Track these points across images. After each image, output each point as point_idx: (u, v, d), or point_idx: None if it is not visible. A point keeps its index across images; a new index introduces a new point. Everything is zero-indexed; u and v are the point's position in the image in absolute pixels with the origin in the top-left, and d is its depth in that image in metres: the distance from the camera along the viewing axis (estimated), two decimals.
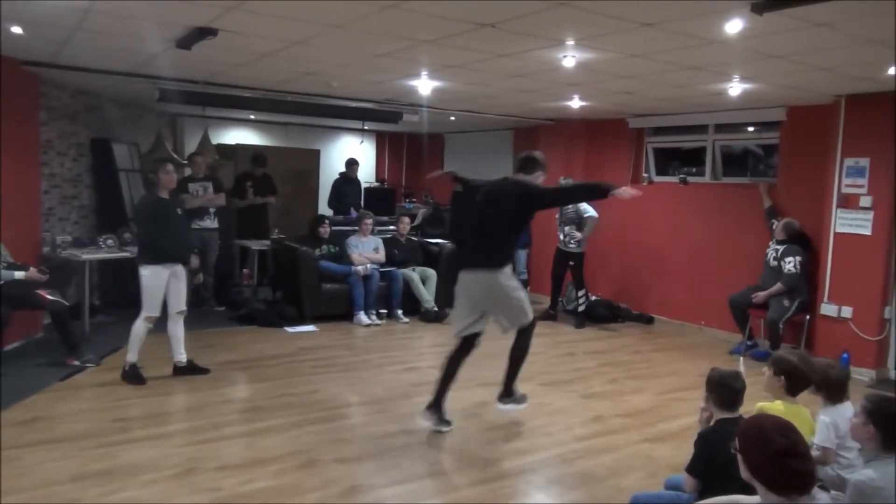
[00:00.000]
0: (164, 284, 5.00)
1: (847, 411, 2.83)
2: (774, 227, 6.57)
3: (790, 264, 6.25)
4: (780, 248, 6.39)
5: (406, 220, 8.29)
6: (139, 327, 4.99)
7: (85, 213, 7.44)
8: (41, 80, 6.29)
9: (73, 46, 5.11)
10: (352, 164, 9.41)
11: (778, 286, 6.28)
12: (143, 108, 8.81)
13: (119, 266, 7.08)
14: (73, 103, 7.15)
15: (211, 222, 7.56)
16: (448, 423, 4.32)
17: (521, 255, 8.61)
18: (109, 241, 6.56)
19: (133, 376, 4.98)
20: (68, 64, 5.85)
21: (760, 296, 6.38)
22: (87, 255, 6.25)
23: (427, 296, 7.67)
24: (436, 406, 4.31)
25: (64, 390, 4.79)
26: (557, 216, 7.81)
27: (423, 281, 7.74)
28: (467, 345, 4.32)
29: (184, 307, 5.18)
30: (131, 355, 5.02)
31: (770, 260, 6.48)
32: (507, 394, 4.46)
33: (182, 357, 5.22)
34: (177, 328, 5.18)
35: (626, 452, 4.11)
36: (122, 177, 7.82)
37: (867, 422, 2.28)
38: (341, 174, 9.45)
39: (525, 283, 8.22)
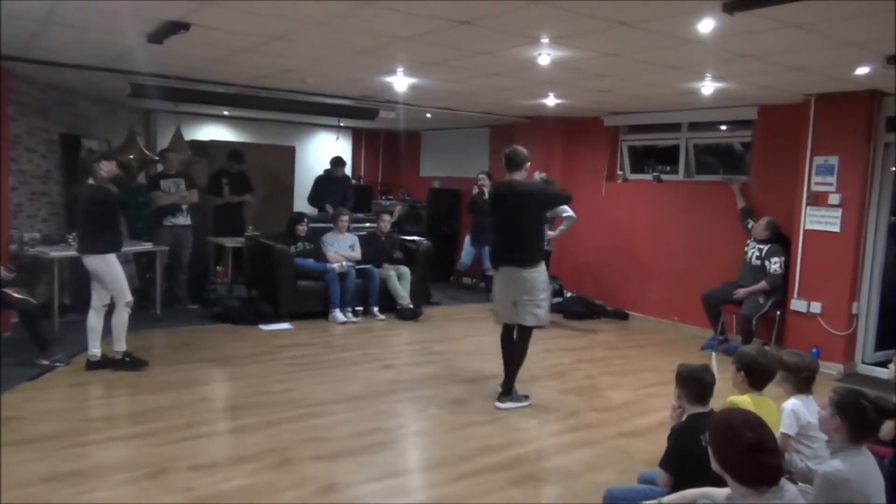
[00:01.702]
0: (121, 268, 5.17)
1: (811, 404, 2.89)
2: (751, 226, 6.65)
3: (776, 265, 6.34)
4: (764, 247, 6.47)
5: (386, 217, 8.15)
6: (122, 317, 5.14)
7: (54, 210, 7.30)
8: (10, 74, 6.16)
9: (44, 40, 5.01)
10: (336, 163, 9.22)
11: (762, 284, 6.36)
12: (116, 104, 8.66)
13: None
14: (43, 98, 7.01)
15: (184, 219, 7.45)
16: (525, 397, 4.85)
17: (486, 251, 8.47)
18: None
19: (134, 362, 5.15)
20: (39, 58, 5.73)
21: (741, 292, 6.47)
22: (57, 253, 6.13)
23: (403, 293, 7.66)
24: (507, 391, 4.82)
25: (34, 390, 4.70)
26: None
27: (399, 278, 7.73)
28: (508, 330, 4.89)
29: (109, 301, 5.22)
30: (120, 344, 5.16)
31: (751, 259, 6.56)
32: (507, 393, 4.83)
33: (96, 352, 5.18)
34: (97, 322, 5.17)
35: (603, 447, 4.15)
36: None
37: (834, 414, 2.33)
38: (326, 171, 9.30)
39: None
